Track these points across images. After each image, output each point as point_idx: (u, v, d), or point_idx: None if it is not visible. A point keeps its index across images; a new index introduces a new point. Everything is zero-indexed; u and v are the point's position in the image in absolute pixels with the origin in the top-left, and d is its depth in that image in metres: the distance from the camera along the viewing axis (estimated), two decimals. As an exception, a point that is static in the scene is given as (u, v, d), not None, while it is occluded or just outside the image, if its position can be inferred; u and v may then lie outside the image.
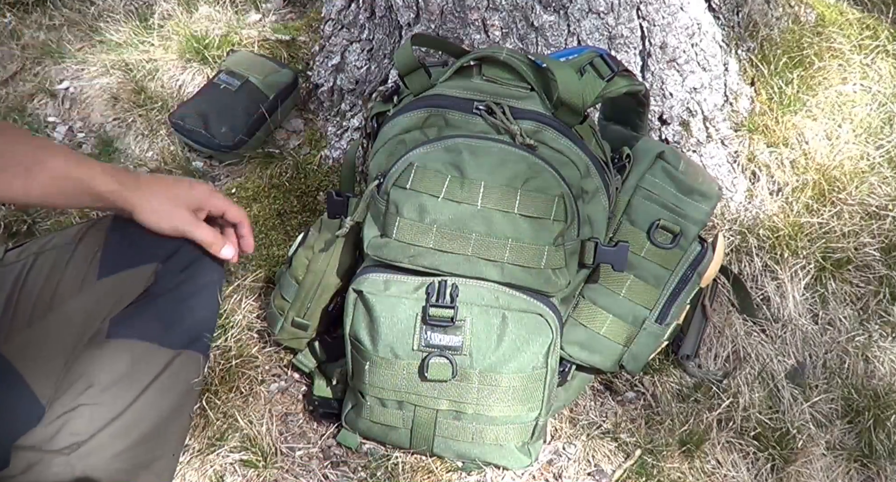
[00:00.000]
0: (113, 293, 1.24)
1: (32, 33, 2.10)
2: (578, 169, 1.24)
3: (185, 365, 1.25)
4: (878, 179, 1.65)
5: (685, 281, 1.33)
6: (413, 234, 1.20)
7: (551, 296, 1.23)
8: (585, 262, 1.26)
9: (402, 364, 1.22)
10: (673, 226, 1.31)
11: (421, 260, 1.20)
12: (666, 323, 1.34)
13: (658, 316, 1.33)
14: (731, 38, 1.73)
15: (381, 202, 1.22)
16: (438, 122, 1.24)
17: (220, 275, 1.35)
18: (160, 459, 1.21)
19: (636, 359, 1.35)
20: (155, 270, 1.25)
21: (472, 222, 1.19)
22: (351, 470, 1.32)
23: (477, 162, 1.19)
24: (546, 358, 1.22)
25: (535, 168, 1.20)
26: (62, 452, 1.11)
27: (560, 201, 1.20)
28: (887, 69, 1.80)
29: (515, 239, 1.19)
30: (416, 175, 1.19)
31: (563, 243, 1.21)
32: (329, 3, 1.78)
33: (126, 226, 1.27)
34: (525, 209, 1.19)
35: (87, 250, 1.26)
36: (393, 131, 1.26)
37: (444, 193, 1.19)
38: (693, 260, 1.32)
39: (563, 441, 1.37)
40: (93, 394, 1.15)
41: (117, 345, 1.20)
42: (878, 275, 1.58)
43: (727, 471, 1.35)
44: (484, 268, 1.20)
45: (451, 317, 1.20)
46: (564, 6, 1.51)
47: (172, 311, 1.25)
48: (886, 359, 1.51)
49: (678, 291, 1.33)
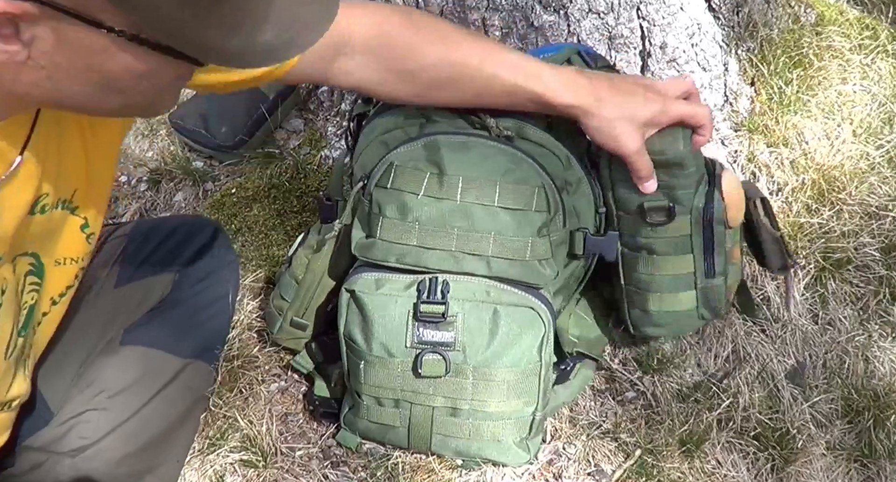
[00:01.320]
0: (130, 301, 1.25)
1: (32, 33, 2.10)
2: (560, 160, 1.24)
3: (195, 374, 1.26)
4: (878, 179, 1.65)
5: (709, 234, 1.28)
6: (397, 233, 1.20)
7: (540, 288, 1.23)
8: (575, 253, 1.26)
9: (397, 362, 1.22)
10: (661, 202, 1.25)
11: (407, 258, 1.21)
12: (718, 273, 1.31)
13: (705, 273, 1.30)
14: (731, 38, 1.73)
15: (366, 203, 1.23)
16: (419, 120, 1.25)
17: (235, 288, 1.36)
18: (164, 465, 1.22)
19: (713, 309, 1.34)
20: (173, 279, 1.26)
21: (453, 218, 1.19)
22: (351, 470, 1.32)
23: (455, 157, 1.20)
24: (539, 351, 1.22)
25: (514, 160, 1.20)
26: (68, 454, 1.12)
27: (541, 192, 1.20)
28: (887, 69, 1.80)
29: (498, 232, 1.19)
30: (395, 174, 1.20)
31: (549, 234, 1.22)
32: (329, 3, 1.78)
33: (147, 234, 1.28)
34: (505, 201, 1.19)
35: (107, 258, 1.27)
36: (375, 132, 1.27)
37: (424, 190, 1.19)
38: (703, 215, 1.27)
39: (563, 441, 1.37)
40: (102, 399, 1.16)
41: (129, 352, 1.21)
42: (878, 275, 1.58)
43: (727, 471, 1.35)
44: (469, 262, 1.20)
45: (443, 313, 1.20)
46: (564, 6, 1.51)
47: (186, 321, 1.25)
48: (886, 359, 1.51)
49: (709, 246, 1.29)
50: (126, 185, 1.80)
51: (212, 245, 1.33)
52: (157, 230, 1.32)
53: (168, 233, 1.32)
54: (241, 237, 1.62)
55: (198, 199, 1.74)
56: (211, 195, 1.73)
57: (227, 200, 1.69)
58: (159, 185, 1.78)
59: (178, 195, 1.77)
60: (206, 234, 1.34)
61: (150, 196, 1.78)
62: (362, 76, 1.18)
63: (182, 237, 1.32)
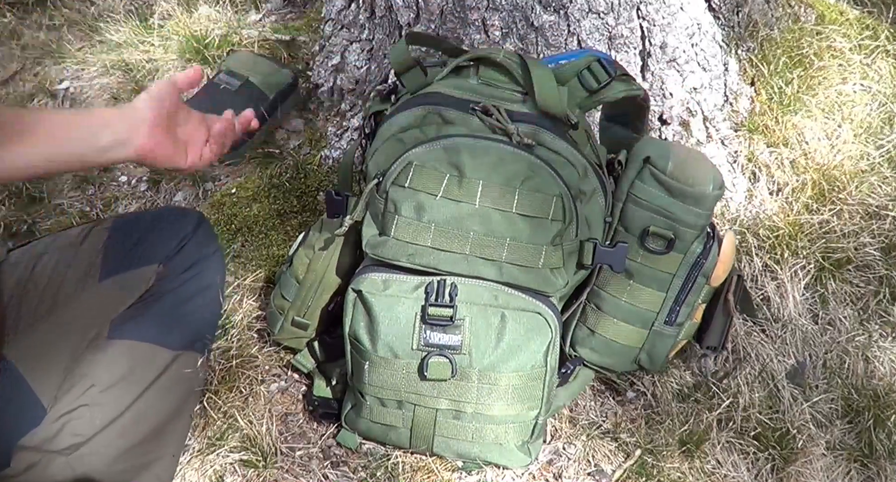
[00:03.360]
0: (115, 294, 1.24)
1: (32, 33, 2.10)
2: (576, 170, 1.24)
3: (186, 366, 1.25)
4: (878, 179, 1.65)
5: (689, 282, 1.32)
6: (411, 232, 1.20)
7: (549, 295, 1.23)
8: (584, 263, 1.26)
9: (402, 363, 1.22)
10: (665, 231, 1.29)
11: (419, 258, 1.20)
12: (677, 323, 1.34)
13: (666, 318, 1.33)
14: (731, 38, 1.73)
15: (380, 201, 1.22)
16: (436, 120, 1.24)
17: (221, 277, 1.35)
18: (160, 460, 1.22)
19: (652, 360, 1.36)
20: (157, 271, 1.25)
21: (470, 221, 1.19)
22: (351, 470, 1.32)
23: (475, 161, 1.19)
24: (545, 356, 1.22)
25: (533, 168, 1.20)
26: (63, 453, 1.11)
27: (558, 201, 1.20)
28: (887, 69, 1.80)
29: (513, 238, 1.19)
30: (414, 174, 1.20)
31: (562, 243, 1.21)
32: (329, 3, 1.78)
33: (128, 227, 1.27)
34: (523, 208, 1.19)
35: (90, 251, 1.26)
36: (391, 130, 1.26)
37: (443, 192, 1.19)
38: (695, 262, 1.32)
39: (563, 441, 1.37)
40: (93, 394, 1.15)
41: (118, 345, 1.20)
42: (878, 275, 1.58)
43: (727, 471, 1.35)
44: (482, 267, 1.20)
45: (451, 317, 1.20)
46: (564, 6, 1.51)
47: (174, 312, 1.25)
48: (886, 359, 1.51)
49: (684, 293, 1.33)
50: (126, 185, 1.80)
51: (194, 235, 1.32)
52: (138, 223, 1.30)
53: (149, 225, 1.30)
54: (241, 237, 1.62)
55: (198, 198, 1.74)
56: (211, 195, 1.73)
57: (226, 200, 1.69)
58: (159, 185, 1.79)
59: (178, 195, 1.77)
60: (188, 225, 1.32)
61: (150, 196, 1.78)
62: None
63: (164, 229, 1.30)
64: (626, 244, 1.27)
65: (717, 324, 1.40)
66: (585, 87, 1.27)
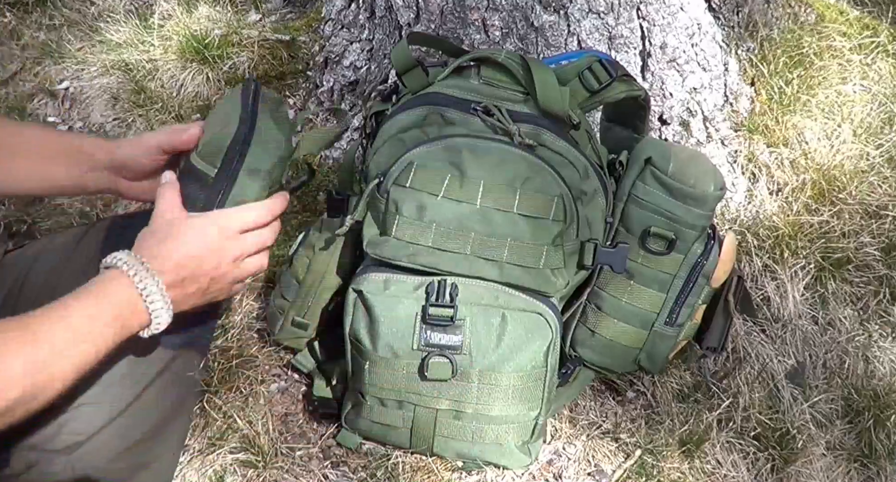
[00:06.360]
0: None
1: (32, 33, 2.10)
2: (577, 170, 1.24)
3: (185, 364, 1.25)
4: (877, 179, 1.65)
5: (690, 283, 1.32)
6: (412, 232, 1.20)
7: (550, 296, 1.23)
8: (585, 263, 1.25)
9: (402, 363, 1.22)
10: (666, 232, 1.29)
11: (419, 258, 1.20)
12: (677, 324, 1.34)
13: (666, 318, 1.33)
14: (731, 38, 1.73)
15: (381, 201, 1.22)
16: (437, 120, 1.25)
17: None
18: (160, 459, 1.22)
19: (652, 360, 1.36)
20: None
21: (471, 221, 1.19)
22: (351, 470, 1.32)
23: (477, 161, 1.19)
24: (546, 357, 1.22)
25: (534, 168, 1.20)
26: (62, 452, 1.11)
27: (559, 201, 1.20)
28: (887, 69, 1.80)
29: (514, 238, 1.19)
30: (415, 173, 1.20)
31: (563, 244, 1.21)
32: (329, 3, 1.78)
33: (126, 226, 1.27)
34: (524, 209, 1.19)
35: (87, 251, 1.26)
36: (392, 130, 1.26)
37: (444, 192, 1.19)
38: (695, 263, 1.31)
39: (563, 441, 1.37)
40: (93, 393, 1.15)
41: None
42: (878, 275, 1.58)
43: (727, 471, 1.35)
44: (483, 267, 1.20)
45: (451, 317, 1.20)
46: (564, 6, 1.51)
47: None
48: (886, 359, 1.51)
49: (684, 294, 1.33)
50: (126, 184, 1.80)
51: None
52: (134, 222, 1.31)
53: (145, 223, 1.31)
54: (241, 237, 1.62)
55: (198, 198, 1.74)
56: (211, 195, 1.73)
57: (227, 200, 1.69)
58: (159, 184, 1.78)
59: (178, 195, 1.77)
60: None
61: (150, 196, 1.78)
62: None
63: None
64: (626, 245, 1.27)
65: (717, 325, 1.40)
66: (586, 87, 1.28)
